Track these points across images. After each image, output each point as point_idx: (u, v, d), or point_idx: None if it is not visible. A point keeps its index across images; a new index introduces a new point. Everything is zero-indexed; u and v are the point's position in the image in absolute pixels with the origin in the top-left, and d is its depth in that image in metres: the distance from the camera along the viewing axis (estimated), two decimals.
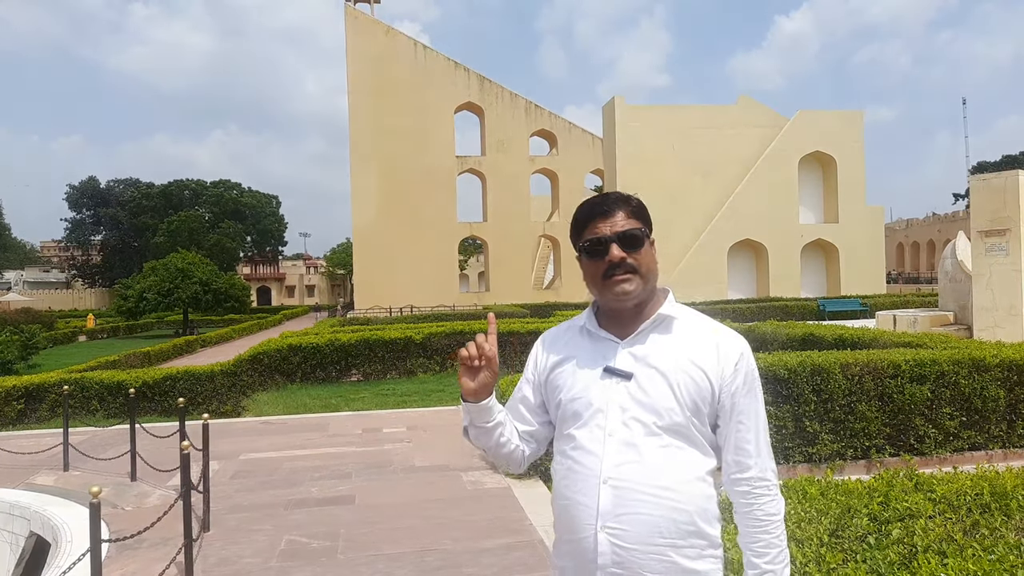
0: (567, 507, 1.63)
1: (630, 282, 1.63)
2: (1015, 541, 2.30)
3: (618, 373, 1.63)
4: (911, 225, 67.03)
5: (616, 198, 1.70)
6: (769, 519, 1.63)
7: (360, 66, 39.91)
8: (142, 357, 21.50)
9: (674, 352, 1.64)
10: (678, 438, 1.60)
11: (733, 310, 25.72)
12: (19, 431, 10.33)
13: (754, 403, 1.68)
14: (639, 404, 1.60)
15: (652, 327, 1.68)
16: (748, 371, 1.68)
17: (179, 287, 36.07)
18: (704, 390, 1.61)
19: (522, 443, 1.78)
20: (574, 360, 1.70)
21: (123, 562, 4.73)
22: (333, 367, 13.85)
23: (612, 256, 1.63)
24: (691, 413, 1.60)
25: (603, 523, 1.56)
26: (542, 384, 1.77)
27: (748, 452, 1.64)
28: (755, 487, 1.64)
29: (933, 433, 6.59)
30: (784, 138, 35.02)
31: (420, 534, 5.08)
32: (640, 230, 1.67)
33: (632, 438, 1.58)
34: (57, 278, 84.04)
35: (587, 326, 1.73)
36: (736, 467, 1.65)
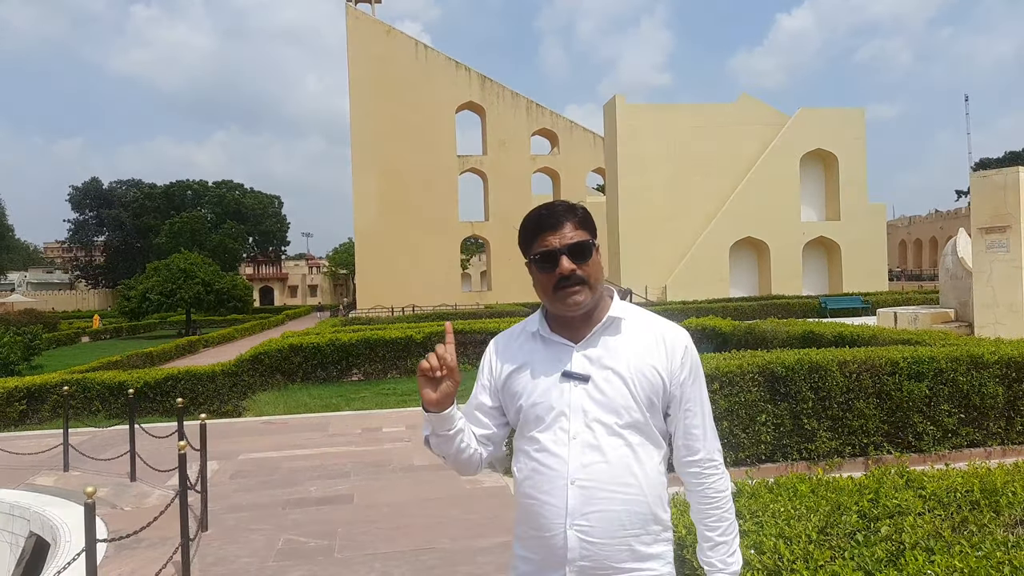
0: (534, 506, 1.70)
1: (580, 293, 1.69)
2: (1003, 537, 2.31)
3: (575, 376, 1.70)
4: (914, 222, 66.92)
5: (563, 209, 1.75)
6: (719, 495, 1.76)
7: (361, 66, 39.96)
8: (144, 357, 21.57)
9: (626, 352, 1.72)
10: (637, 434, 1.69)
11: (735, 308, 25.71)
12: (21, 432, 10.37)
13: (699, 391, 1.78)
14: (599, 405, 1.68)
15: (603, 330, 1.74)
16: (692, 362, 1.78)
17: (181, 288, 36.15)
18: (656, 385, 1.71)
19: (480, 446, 1.83)
20: (531, 365, 1.76)
21: (121, 562, 4.75)
22: (334, 367, 13.87)
23: (563, 269, 1.68)
24: (647, 408, 1.70)
25: (572, 521, 1.64)
26: (499, 389, 1.82)
27: (696, 436, 1.76)
28: (705, 468, 1.76)
29: (931, 430, 6.58)
30: (785, 136, 35.00)
31: (417, 533, 5.09)
32: (588, 241, 1.72)
33: (595, 439, 1.66)
34: (60, 279, 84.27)
35: (540, 331, 1.78)
36: (687, 451, 1.77)
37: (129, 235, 70.40)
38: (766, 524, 2.58)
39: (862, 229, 34.97)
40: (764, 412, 6.41)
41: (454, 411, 1.72)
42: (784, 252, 34.65)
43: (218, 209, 70.26)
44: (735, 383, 6.36)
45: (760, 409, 6.40)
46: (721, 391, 6.33)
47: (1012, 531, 2.40)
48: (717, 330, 13.57)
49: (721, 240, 34.23)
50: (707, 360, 6.67)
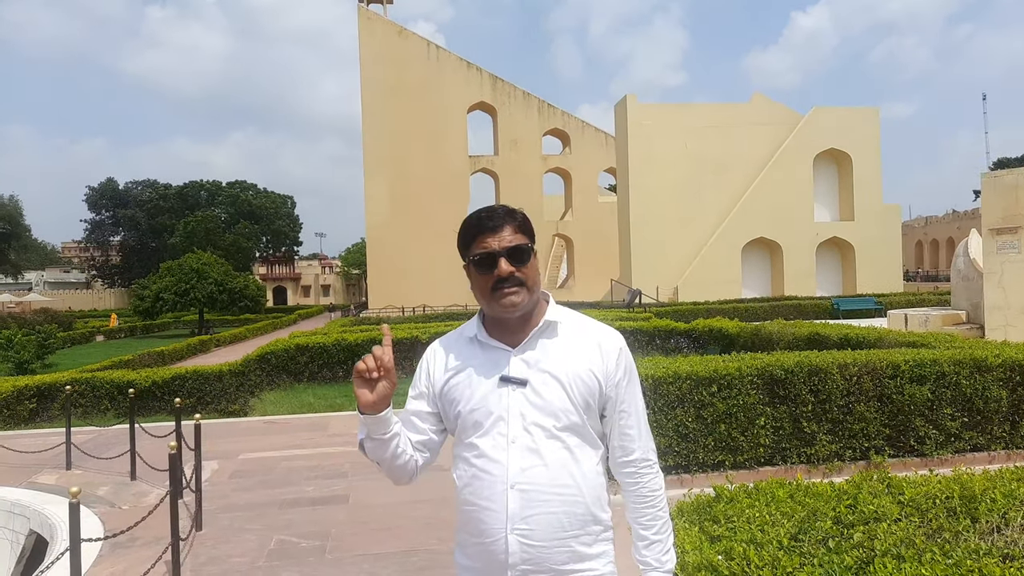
0: (474, 512, 1.71)
1: (518, 295, 1.71)
2: (976, 545, 2.27)
3: (513, 381, 1.70)
4: (930, 223, 66.21)
5: (503, 212, 1.77)
6: (653, 495, 1.80)
7: (373, 67, 40.10)
8: (156, 357, 21.73)
9: (563, 355, 1.73)
10: (575, 436, 1.71)
11: (746, 309, 25.57)
12: (28, 430, 10.48)
13: (634, 392, 1.82)
14: (537, 409, 1.69)
15: (540, 333, 1.76)
16: (627, 364, 1.80)
17: (194, 287, 36.42)
18: (593, 388, 1.73)
19: (416, 453, 1.81)
20: (468, 370, 1.76)
21: (114, 560, 4.78)
22: (340, 367, 13.92)
23: (500, 270, 1.69)
24: (583, 411, 1.71)
25: (512, 526, 1.65)
26: (437, 396, 1.81)
27: (631, 437, 1.79)
28: (640, 468, 1.80)
29: (934, 434, 6.49)
30: (799, 135, 34.74)
31: (408, 534, 5.09)
32: (526, 245, 1.74)
33: (534, 443, 1.67)
34: (77, 279, 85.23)
35: (478, 336, 1.79)
36: (622, 451, 1.80)
37: (144, 235, 71.06)
38: (739, 530, 2.56)
39: (876, 229, 34.65)
40: (763, 415, 6.35)
41: (390, 414, 1.71)
42: (797, 253, 34.41)
43: (232, 209, 70.77)
44: (733, 385, 6.31)
45: (759, 412, 6.35)
46: (719, 394, 6.29)
47: (987, 538, 2.36)
48: (724, 331, 13.50)
49: (733, 240, 34.03)
50: (705, 362, 6.63)
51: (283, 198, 76.70)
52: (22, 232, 60.60)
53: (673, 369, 6.32)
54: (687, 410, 6.24)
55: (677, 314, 21.49)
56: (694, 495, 3.13)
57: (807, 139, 34.73)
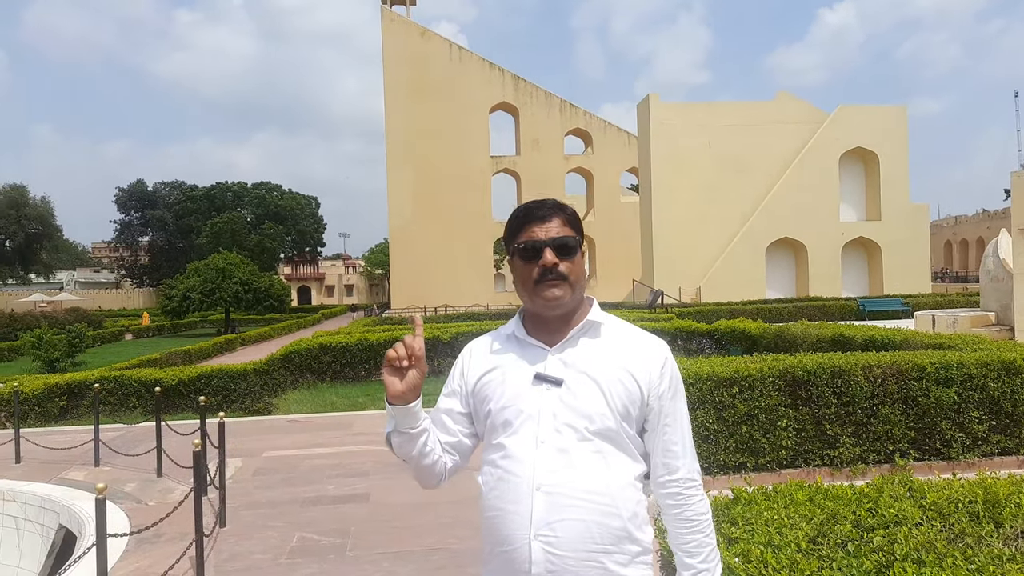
0: (498, 518, 1.61)
1: (560, 288, 1.64)
2: (999, 551, 2.23)
3: (548, 379, 1.63)
4: (959, 222, 65.01)
5: (553, 204, 1.71)
6: (700, 519, 1.66)
7: (396, 68, 40.32)
8: (183, 355, 22.04)
9: (604, 357, 1.65)
10: (609, 443, 1.61)
11: (769, 310, 25.32)
12: (59, 427, 10.69)
13: (679, 406, 1.70)
14: (570, 409, 1.60)
15: (581, 333, 1.69)
16: (672, 375, 1.70)
17: (220, 287, 36.87)
18: (634, 395, 1.63)
19: (445, 454, 1.75)
20: (503, 368, 1.69)
21: (140, 555, 4.87)
22: (362, 366, 14.02)
23: (545, 261, 1.63)
24: (622, 418, 1.61)
25: (536, 531, 1.54)
26: (469, 394, 1.74)
27: (676, 454, 1.67)
28: (684, 488, 1.67)
29: (960, 437, 6.39)
30: (824, 134, 34.32)
31: (428, 533, 5.12)
32: (574, 239, 1.68)
33: (564, 444, 1.58)
34: (107, 278, 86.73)
35: (515, 333, 1.73)
36: (665, 469, 1.67)
37: (172, 235, 72.08)
38: (757, 532, 2.54)
39: (904, 229, 34.12)
40: (785, 417, 6.30)
41: (419, 407, 1.65)
42: (822, 253, 33.99)
43: (257, 210, 71.52)
44: (755, 387, 6.27)
45: (781, 414, 6.30)
46: (741, 395, 6.25)
47: (1011, 544, 2.33)
48: (747, 332, 13.39)
49: (757, 241, 33.72)
50: (727, 363, 6.59)
51: (307, 199, 77.34)
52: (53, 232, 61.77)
53: (694, 370, 6.29)
54: (708, 411, 6.20)
55: (699, 315, 21.33)
56: (712, 497, 3.11)
57: (833, 138, 34.29)
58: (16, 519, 6.60)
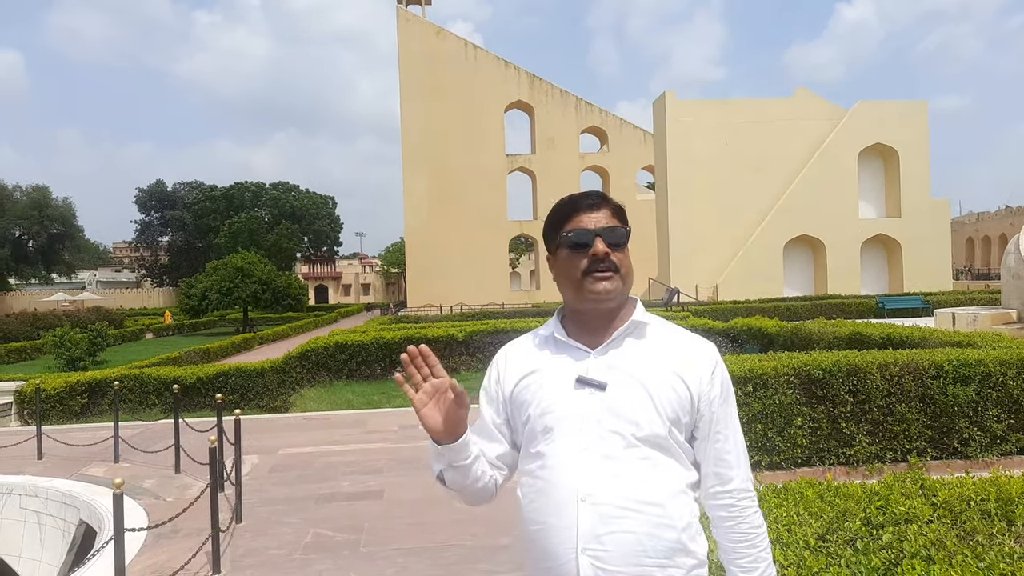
0: (540, 531, 1.51)
1: (611, 281, 1.54)
2: (1010, 548, 2.22)
3: (591, 383, 1.52)
4: (982, 219, 64.10)
5: (600, 195, 1.63)
6: (755, 532, 1.56)
7: (412, 67, 40.45)
8: (201, 354, 22.29)
9: (651, 360, 1.55)
10: (657, 450, 1.50)
11: (787, 308, 25.14)
12: (80, 424, 10.85)
13: (731, 412, 1.60)
14: (615, 415, 1.50)
15: (625, 333, 1.58)
16: (723, 380, 1.60)
17: (239, 286, 37.22)
18: (684, 400, 1.53)
19: (493, 471, 1.65)
20: (541, 372, 1.59)
21: (157, 550, 4.94)
22: (378, 364, 14.10)
23: (597, 250, 1.54)
24: (671, 423, 1.51)
25: (584, 545, 1.44)
26: (507, 400, 1.65)
27: (729, 463, 1.56)
28: (739, 499, 1.56)
29: (979, 436, 6.32)
30: (843, 130, 33.99)
31: (441, 529, 5.15)
32: (624, 229, 1.60)
33: (609, 451, 1.48)
34: (128, 278, 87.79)
35: (555, 334, 1.62)
36: (717, 479, 1.57)
37: (191, 235, 72.83)
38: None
39: (924, 226, 33.71)
40: (800, 415, 6.26)
41: (468, 438, 1.55)
42: (841, 250, 33.67)
43: (275, 210, 72.05)
44: (769, 385, 6.24)
45: (796, 412, 6.26)
46: (755, 393, 6.22)
47: (1023, 542, 2.31)
48: (763, 330, 13.31)
49: (775, 238, 33.48)
50: (741, 361, 6.56)
51: (324, 199, 77.81)
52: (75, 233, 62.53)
53: None
54: None
55: (716, 313, 21.23)
56: None
57: (852, 134, 33.95)
58: (38, 514, 6.72)
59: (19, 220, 57.32)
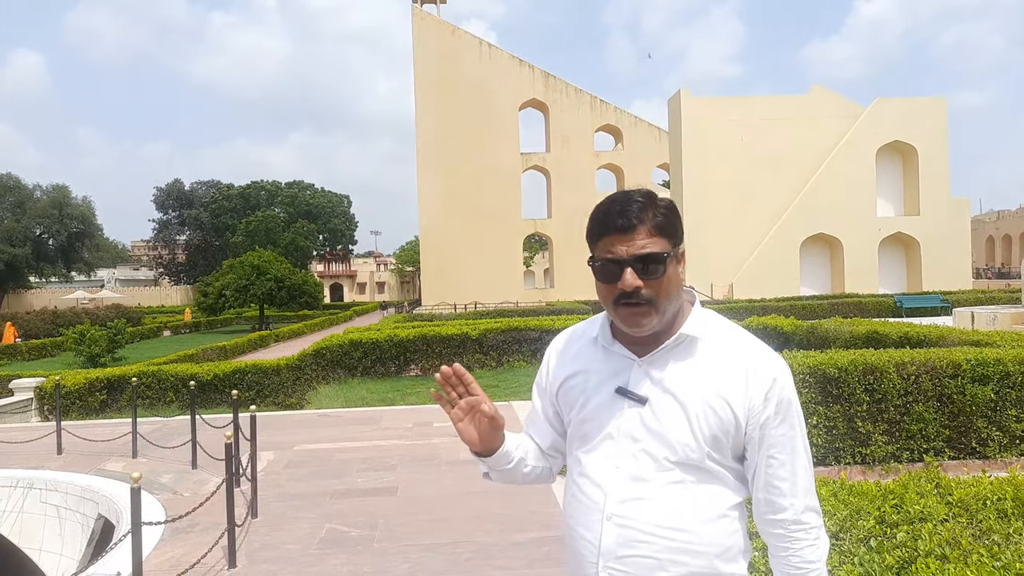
0: (572, 538, 1.52)
1: (645, 316, 1.42)
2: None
3: (632, 396, 1.47)
4: (1002, 217, 63.29)
5: (640, 208, 1.42)
6: (807, 566, 1.45)
7: (427, 66, 40.53)
8: (218, 351, 22.50)
9: (696, 378, 1.45)
10: (693, 473, 1.43)
11: (803, 307, 24.97)
12: (99, 420, 10.99)
13: (789, 434, 1.46)
14: (651, 434, 1.44)
15: (674, 345, 1.48)
16: (781, 399, 1.46)
17: (254, 284, 37.50)
18: (727, 423, 1.43)
19: (546, 460, 1.67)
20: (586, 375, 1.55)
21: (174, 544, 5.00)
22: (392, 362, 14.17)
23: (625, 284, 1.40)
24: (709, 447, 1.43)
25: (605, 562, 1.43)
26: (555, 395, 1.62)
27: (782, 491, 1.45)
28: (791, 530, 1.46)
29: (997, 436, 6.26)
30: (861, 128, 33.69)
31: (455, 526, 5.17)
32: (663, 254, 1.41)
33: (641, 472, 1.44)
34: (146, 276, 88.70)
35: (599, 339, 1.55)
36: (768, 507, 1.47)
37: (208, 234, 73.42)
38: None
39: (943, 224, 33.34)
40: (815, 414, 6.23)
41: (507, 447, 1.57)
42: (859, 249, 33.37)
43: (290, 209, 72.49)
44: None
45: (811, 411, 6.23)
46: None
47: None
48: (779, 329, 13.22)
49: (791, 236, 33.25)
50: None
51: (339, 197, 78.18)
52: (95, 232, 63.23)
53: None
54: None
55: (731, 312, 21.12)
56: None
57: (870, 131, 33.63)
58: (58, 508, 6.82)
59: (40, 219, 58.05)
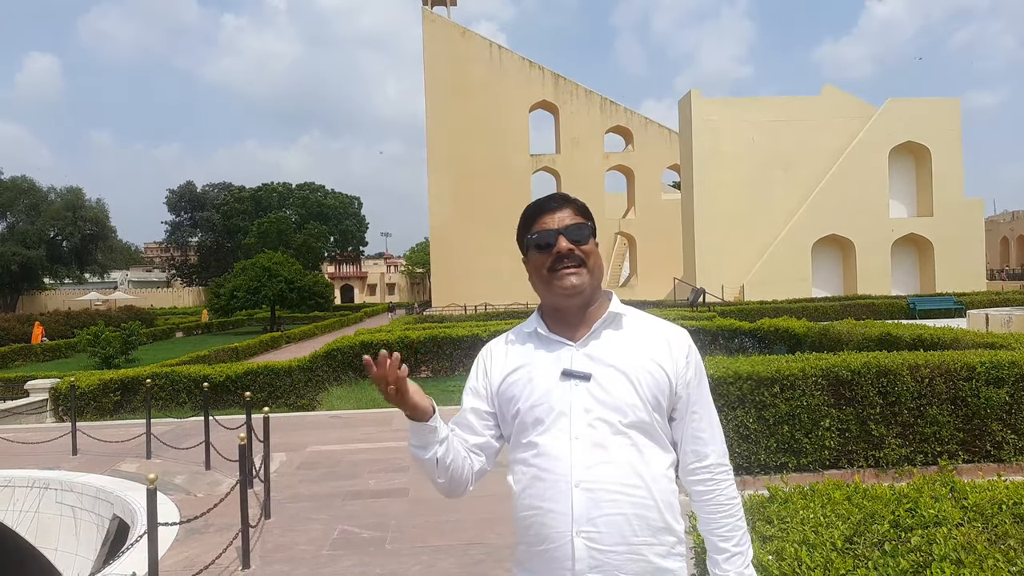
0: (536, 516, 1.60)
1: (578, 275, 1.64)
2: None
3: (576, 375, 1.62)
4: (1017, 218, 62.71)
5: (562, 197, 1.73)
6: (731, 503, 1.68)
7: (437, 68, 40.63)
8: (230, 353, 22.60)
9: (628, 349, 1.65)
10: (643, 435, 1.61)
11: (815, 308, 24.86)
12: (113, 421, 11.08)
13: (705, 393, 1.73)
14: (601, 404, 1.60)
15: (604, 326, 1.68)
16: (697, 364, 1.72)
17: (265, 285, 37.65)
18: (663, 384, 1.64)
19: (471, 456, 1.72)
20: (528, 367, 1.68)
21: (189, 544, 5.04)
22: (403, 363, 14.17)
23: (560, 247, 1.64)
24: (653, 408, 1.62)
25: (578, 528, 1.54)
26: (495, 395, 1.72)
27: (705, 440, 1.69)
28: (716, 473, 1.68)
29: (1012, 439, 6.21)
30: (873, 128, 33.48)
31: (466, 528, 5.19)
32: (587, 225, 1.69)
33: (600, 439, 1.58)
34: (159, 277, 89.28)
35: (538, 330, 1.71)
36: (695, 456, 1.69)
37: (220, 235, 73.85)
38: (792, 531, 2.53)
39: (957, 225, 33.06)
40: (828, 417, 6.20)
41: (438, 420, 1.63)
42: (871, 250, 33.15)
43: (302, 210, 72.84)
44: (797, 386, 6.18)
45: (824, 414, 6.20)
46: (782, 394, 6.17)
47: None
48: (790, 331, 13.18)
49: (803, 238, 33.07)
50: (768, 362, 6.51)
51: (350, 199, 78.49)
52: (108, 234, 63.75)
53: (734, 369, 6.23)
54: (748, 411, 6.14)
55: (742, 313, 21.04)
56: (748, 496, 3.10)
57: (882, 132, 33.42)
58: (74, 508, 6.88)
59: (54, 221, 58.60)
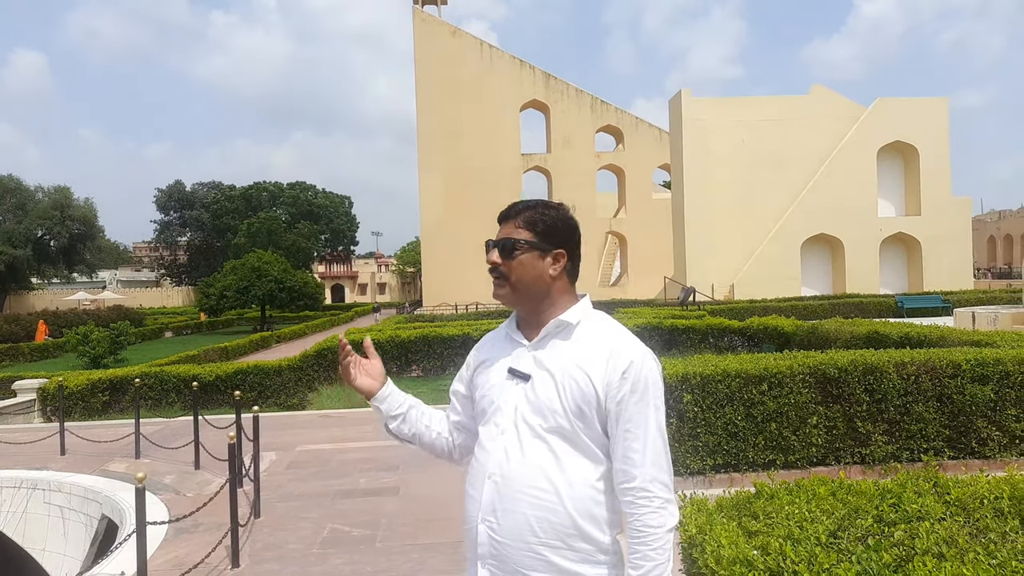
0: (466, 499, 1.76)
1: (499, 286, 1.75)
2: (1022, 546, 2.22)
3: (518, 374, 1.72)
4: (1004, 217, 63.28)
5: (522, 207, 1.79)
6: (648, 531, 1.60)
7: (427, 67, 40.60)
8: (220, 352, 22.51)
9: (566, 356, 1.69)
10: (564, 441, 1.65)
11: (804, 307, 24.97)
12: (102, 421, 11.02)
13: (645, 412, 1.65)
14: (530, 405, 1.68)
15: (553, 332, 1.74)
16: (638, 379, 1.65)
17: (255, 285, 37.51)
18: (588, 395, 1.64)
19: (452, 432, 1.92)
20: (490, 361, 1.81)
21: (178, 544, 5.03)
22: (394, 363, 14.19)
23: (488, 259, 1.75)
24: (575, 417, 1.64)
25: (484, 515, 1.67)
26: (471, 379, 1.88)
27: (634, 461, 1.63)
28: (637, 496, 1.62)
29: (997, 436, 6.28)
30: (861, 128, 33.69)
31: (457, 525, 5.16)
32: (516, 241, 1.73)
33: (519, 438, 1.67)
34: (148, 277, 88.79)
35: (507, 328, 1.84)
36: (622, 475, 1.64)
37: (209, 235, 73.53)
38: (777, 526, 2.55)
39: (944, 224, 33.33)
40: (815, 414, 6.25)
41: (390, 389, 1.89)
42: (860, 249, 33.36)
43: (292, 210, 72.62)
44: (784, 384, 6.23)
45: (811, 411, 6.25)
46: (770, 392, 6.22)
47: None
48: (779, 329, 13.26)
49: (792, 237, 33.24)
50: (756, 360, 6.55)
51: (341, 198, 78.30)
52: (96, 233, 63.24)
53: (722, 367, 6.27)
54: (736, 408, 6.18)
55: (732, 312, 21.13)
56: (735, 492, 3.13)
57: (870, 132, 33.63)
58: (62, 508, 6.85)
59: (41, 220, 58.11)
